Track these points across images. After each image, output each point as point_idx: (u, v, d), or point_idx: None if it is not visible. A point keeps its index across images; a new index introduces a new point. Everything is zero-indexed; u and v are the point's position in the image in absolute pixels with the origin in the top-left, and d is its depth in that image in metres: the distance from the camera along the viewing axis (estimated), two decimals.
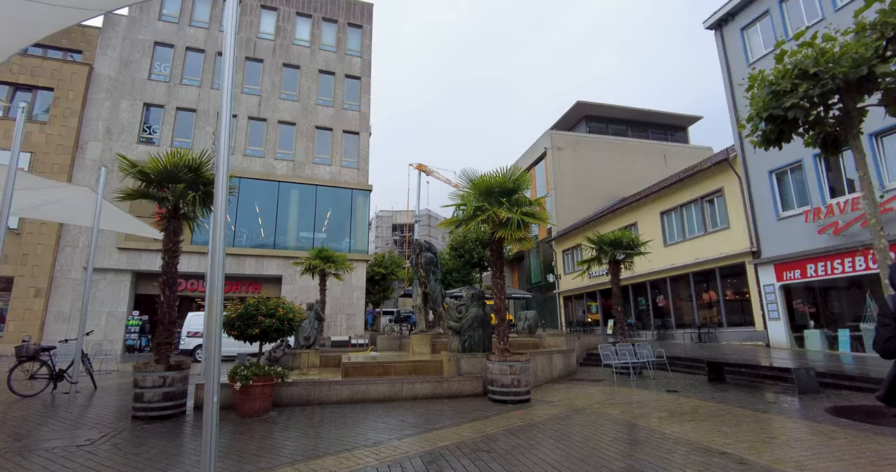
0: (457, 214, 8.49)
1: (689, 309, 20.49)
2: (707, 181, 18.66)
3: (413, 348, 12.26)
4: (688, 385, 9.46)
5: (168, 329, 6.94)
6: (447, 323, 9.35)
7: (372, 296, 35.21)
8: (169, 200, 7.27)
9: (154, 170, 7.00)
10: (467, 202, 8.05)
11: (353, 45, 27.99)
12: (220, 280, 3.66)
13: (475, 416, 6.61)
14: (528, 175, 8.02)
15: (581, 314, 29.48)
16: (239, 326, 6.57)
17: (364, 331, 24.97)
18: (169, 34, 24.48)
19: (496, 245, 8.14)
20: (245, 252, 23.01)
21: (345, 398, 7.73)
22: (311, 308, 13.02)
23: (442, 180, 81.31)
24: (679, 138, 38.71)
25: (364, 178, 26.18)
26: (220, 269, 3.73)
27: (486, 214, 7.61)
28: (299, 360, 12.51)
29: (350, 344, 20.19)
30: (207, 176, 7.32)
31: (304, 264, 16.72)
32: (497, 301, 8.07)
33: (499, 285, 8.07)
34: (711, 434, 5.38)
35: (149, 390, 6.51)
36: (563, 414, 6.73)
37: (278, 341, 11.97)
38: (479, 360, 8.58)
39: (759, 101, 7.02)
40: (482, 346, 8.93)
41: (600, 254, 12.26)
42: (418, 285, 13.18)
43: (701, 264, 18.78)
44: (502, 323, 7.99)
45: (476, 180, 8.01)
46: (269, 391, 6.77)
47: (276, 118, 25.32)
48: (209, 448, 3.12)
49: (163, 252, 7.14)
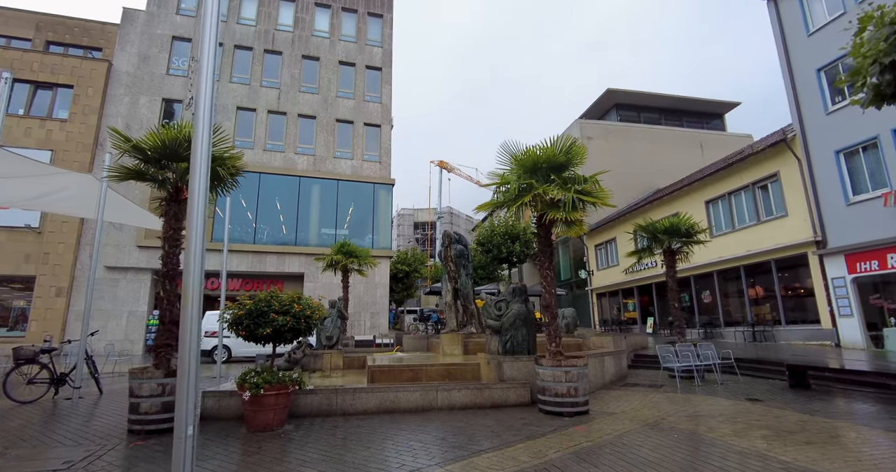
0: (496, 196, 7.35)
1: (738, 305, 18.86)
2: (759, 166, 17.01)
3: (443, 348, 11.19)
4: (766, 392, 8.11)
5: (168, 330, 6.02)
6: (485, 321, 8.23)
7: (395, 294, 34.35)
8: (169, 181, 6.35)
9: (152, 146, 6.08)
10: (510, 181, 6.89)
11: (374, 35, 27.08)
12: (198, 259, 2.67)
13: (528, 433, 5.48)
14: (582, 146, 6.82)
15: (615, 312, 27.93)
16: (248, 325, 5.59)
17: (388, 330, 24.06)
18: (187, 28, 23.99)
19: (544, 230, 6.97)
20: (266, 249, 22.34)
21: (371, 408, 6.69)
22: (334, 306, 12.12)
23: (463, 177, 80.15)
24: (715, 126, 36.62)
25: (386, 172, 25.25)
26: (199, 251, 2.72)
27: (532, 193, 6.45)
28: (321, 361, 11.63)
29: (374, 344, 19.27)
30: (214, 153, 6.36)
31: (325, 259, 15.83)
32: (546, 296, 6.90)
33: (548, 278, 6.90)
34: (867, 468, 4.12)
35: (146, 401, 5.58)
36: (634, 430, 5.53)
37: (298, 341, 11.11)
38: (525, 364, 7.43)
39: (875, 45, 5.69)
40: (526, 347, 7.78)
41: (653, 243, 10.94)
42: (447, 280, 12.09)
43: (753, 256, 17.15)
44: (553, 321, 6.82)
45: (520, 155, 6.86)
46: (285, 401, 5.78)
47: (296, 112, 24.59)
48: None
49: (162, 240, 6.22)
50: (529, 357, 7.52)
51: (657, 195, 23.09)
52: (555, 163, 6.77)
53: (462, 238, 12.15)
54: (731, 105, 36.70)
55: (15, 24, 23.15)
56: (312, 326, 5.97)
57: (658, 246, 10.95)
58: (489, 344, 8.34)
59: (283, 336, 5.71)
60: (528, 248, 25.01)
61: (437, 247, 68.78)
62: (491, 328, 8.10)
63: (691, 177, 21.44)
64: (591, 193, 6.63)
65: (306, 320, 5.85)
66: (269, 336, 5.66)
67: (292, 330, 5.74)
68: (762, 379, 9.51)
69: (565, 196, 6.33)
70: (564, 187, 6.52)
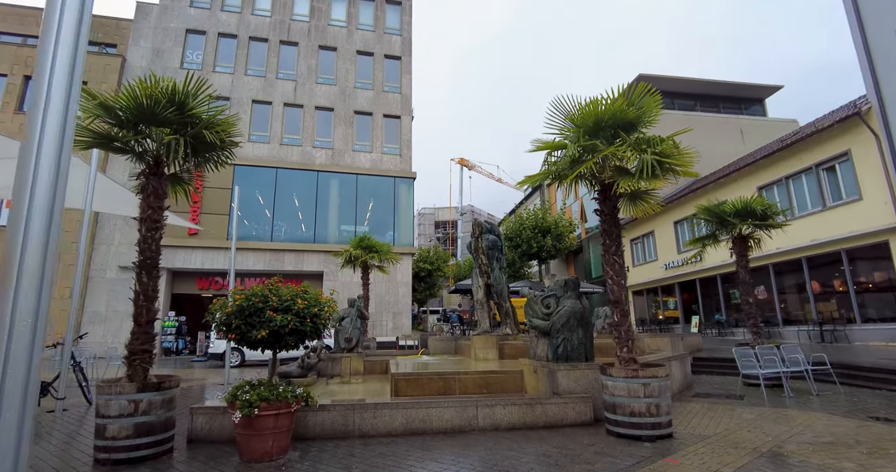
0: (544, 167, 5.96)
1: (797, 302, 16.98)
2: (824, 145, 15.12)
3: (475, 352, 9.85)
4: (887, 407, 6.51)
5: (145, 332, 4.85)
6: (529, 321, 6.86)
7: (417, 294, 33.14)
8: (149, 152, 5.18)
9: (125, 106, 4.92)
10: (565, 145, 5.49)
11: (393, 23, 25.93)
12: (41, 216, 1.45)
13: (604, 467, 4.10)
14: (657, 96, 5.38)
15: (654, 311, 26.09)
16: (238, 326, 4.36)
17: (411, 331, 22.85)
18: (201, 21, 23.27)
19: (609, 206, 5.57)
20: (283, 247, 21.40)
21: (397, 429, 5.39)
22: (353, 305, 10.92)
23: (485, 175, 78.81)
24: (755, 112, 34.27)
25: (407, 165, 24.05)
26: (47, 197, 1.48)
27: (599, 156, 5.05)
28: (340, 365, 10.45)
29: (397, 346, 18.06)
30: (201, 114, 5.19)
31: (343, 255, 14.66)
32: (615, 289, 5.48)
33: (616, 266, 5.49)
34: None
35: (114, 422, 4.41)
36: (752, 466, 4.09)
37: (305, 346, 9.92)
38: (584, 373, 6.03)
39: None
40: (583, 352, 6.38)
41: (718, 229, 9.37)
42: (478, 275, 10.74)
43: (819, 246, 15.26)
44: (624, 320, 5.41)
45: (578, 112, 5.46)
46: (287, 422, 4.53)
47: (313, 104, 23.61)
48: None
49: (139, 222, 5.06)
50: (589, 365, 6.12)
51: (700, 183, 21.24)
52: (622, 120, 5.36)
53: (494, 227, 10.79)
54: (773, 89, 34.28)
55: (31, 22, 22.82)
56: (321, 326, 4.71)
57: (725, 232, 9.37)
58: (534, 348, 6.97)
59: (282, 340, 4.45)
60: (560, 242, 23.41)
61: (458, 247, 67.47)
62: (538, 330, 6.73)
63: (740, 161, 19.57)
64: (670, 156, 5.19)
65: (313, 320, 4.58)
66: (266, 340, 4.41)
67: (295, 332, 4.48)
68: (866, 389, 7.85)
69: (642, 159, 4.91)
70: (639, 149, 5.11)
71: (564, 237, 23.63)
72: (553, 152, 5.78)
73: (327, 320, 4.76)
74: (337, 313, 5.12)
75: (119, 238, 19.92)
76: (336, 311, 4.98)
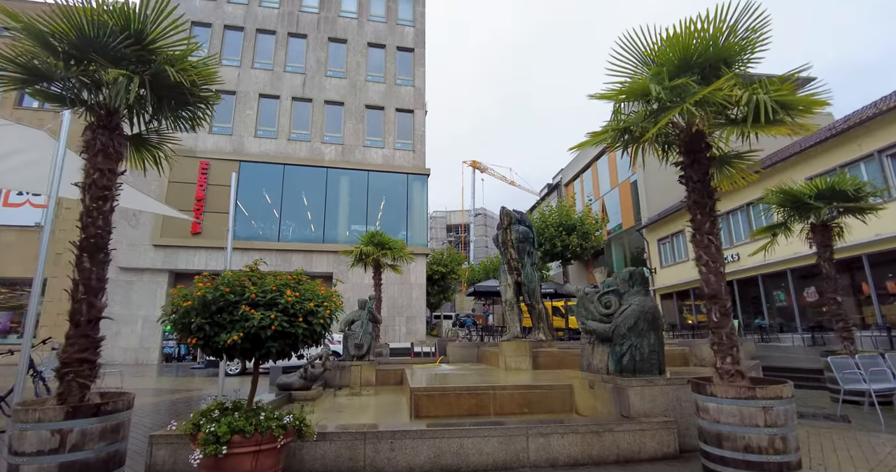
0: (612, 120, 4.60)
1: (852, 304, 15.31)
2: (890, 127, 13.53)
3: (506, 361, 8.50)
4: None
5: (85, 334, 3.59)
6: (584, 324, 5.49)
7: (430, 297, 31.79)
8: (100, 101, 3.96)
9: (66, 31, 3.69)
10: (645, 88, 4.12)
11: (405, 14, 24.83)
12: None
13: None
14: (763, 22, 4.01)
15: (683, 315, 24.42)
16: (201, 326, 3.08)
17: (425, 336, 21.50)
18: (207, 12, 22.39)
19: (701, 171, 4.21)
20: (291, 247, 20.25)
21: (422, 465, 4.05)
22: (364, 307, 9.66)
23: (497, 178, 77.56)
24: None
25: (420, 161, 22.82)
26: None
27: (694, 98, 3.69)
28: (349, 375, 9.21)
29: (412, 353, 16.71)
30: (166, 51, 3.96)
31: (354, 253, 13.40)
32: (712, 279, 4.09)
33: (712, 249, 4.12)
34: None
35: (30, 462, 3.15)
36: None
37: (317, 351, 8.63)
38: (662, 390, 4.65)
39: None
40: (657, 363, 4.99)
41: (792, 216, 7.91)
42: (506, 271, 9.39)
43: (884, 241, 13.64)
44: (726, 321, 4.02)
45: (657, 48, 4.12)
46: (271, 462, 3.23)
47: (323, 98, 22.55)
48: None
49: (81, 190, 3.84)
50: (669, 380, 4.74)
51: None
52: (718, 54, 4.01)
53: (525, 217, 9.45)
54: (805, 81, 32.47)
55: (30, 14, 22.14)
56: (320, 328, 3.40)
57: (801, 219, 7.92)
58: (587, 357, 5.59)
59: (263, 346, 3.15)
60: (586, 241, 21.92)
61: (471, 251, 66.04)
62: (595, 334, 5.35)
63: (784, 151, 17.97)
64: (790, 103, 3.82)
65: (308, 319, 3.27)
66: (241, 347, 3.11)
67: (282, 335, 3.17)
68: None
69: (758, 99, 3.55)
70: (748, 87, 3.76)
71: (591, 235, 22.10)
72: (619, 110, 4.41)
73: (329, 319, 3.44)
74: (341, 311, 3.79)
75: (115, 236, 18.91)
76: (340, 307, 3.66)
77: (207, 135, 20.76)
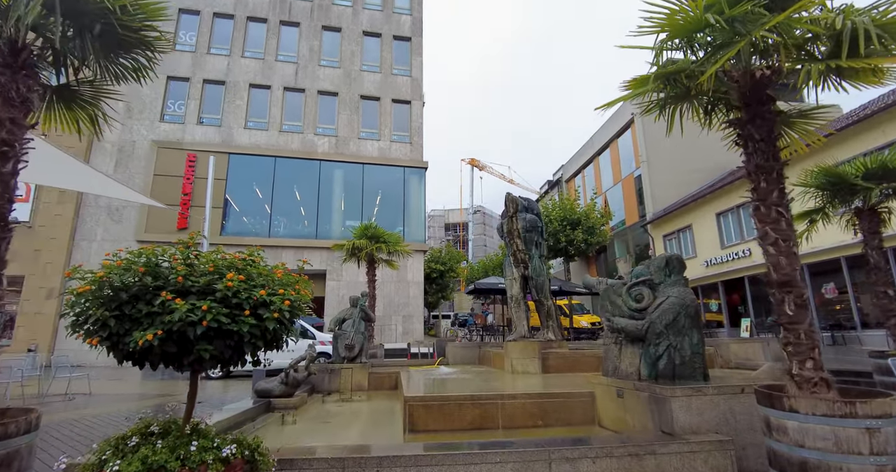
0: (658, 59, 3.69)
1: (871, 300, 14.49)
2: None
3: (512, 363, 7.64)
4: None
5: None
6: (610, 321, 4.62)
7: (428, 297, 30.93)
8: None
9: None
10: (698, 19, 3.21)
11: (402, 2, 23.95)
12: None
13: None
14: None
15: None
16: (105, 322, 2.19)
17: (423, 336, 20.62)
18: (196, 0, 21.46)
19: (765, 128, 3.35)
20: (283, 243, 19.33)
21: None
22: (356, 304, 8.82)
23: (496, 176, 76.68)
24: (791, 97, 31.64)
25: (418, 154, 21.94)
26: None
27: (771, 23, 2.81)
28: (338, 379, 8.37)
29: (409, 354, 15.81)
30: None
31: (346, 246, 12.50)
32: (783, 262, 3.21)
33: (783, 223, 3.25)
34: None
35: None
36: None
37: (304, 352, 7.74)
38: (712, 400, 3.78)
39: None
40: (700, 366, 4.12)
41: (833, 200, 7.07)
42: (512, 264, 8.52)
43: None
44: (803, 314, 3.16)
45: None
46: None
47: (316, 88, 21.65)
48: None
49: None
50: (720, 389, 3.86)
51: (738, 175, 18.82)
52: None
53: (532, 204, 8.58)
54: None
55: None
56: (273, 326, 2.47)
57: (844, 203, 7.09)
58: (613, 360, 4.72)
59: (191, 350, 2.25)
60: (591, 235, 21.05)
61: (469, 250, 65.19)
62: (625, 333, 4.48)
63: None
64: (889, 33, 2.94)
65: (257, 312, 2.37)
66: (161, 351, 2.22)
67: (221, 335, 2.28)
68: None
69: (854, 22, 2.68)
70: (833, 12, 2.89)
71: (596, 230, 21.22)
72: (663, 47, 3.52)
73: (288, 312, 2.54)
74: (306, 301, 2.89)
75: (102, 234, 18.02)
76: (308, 296, 2.77)
77: (195, 126, 19.87)
